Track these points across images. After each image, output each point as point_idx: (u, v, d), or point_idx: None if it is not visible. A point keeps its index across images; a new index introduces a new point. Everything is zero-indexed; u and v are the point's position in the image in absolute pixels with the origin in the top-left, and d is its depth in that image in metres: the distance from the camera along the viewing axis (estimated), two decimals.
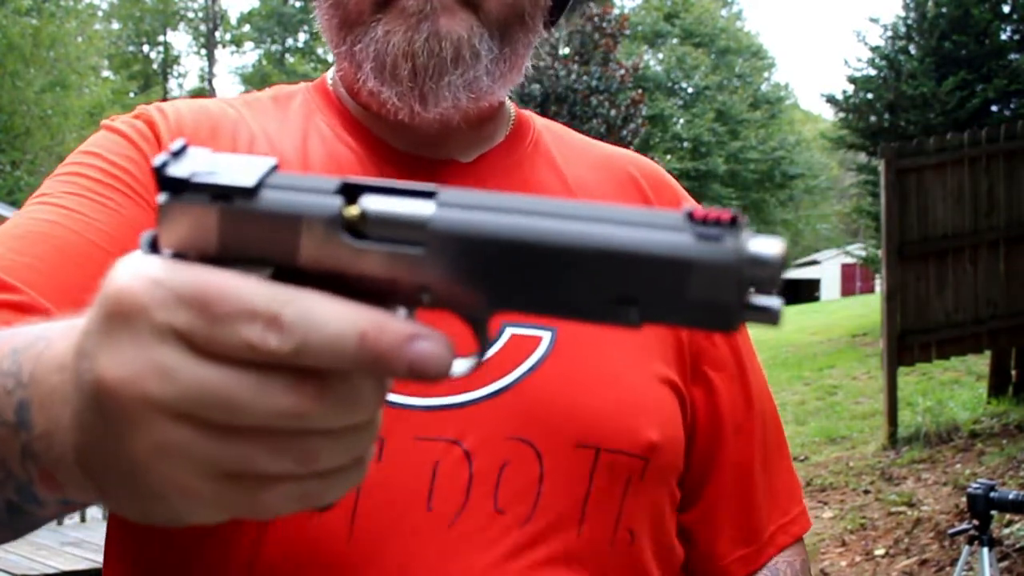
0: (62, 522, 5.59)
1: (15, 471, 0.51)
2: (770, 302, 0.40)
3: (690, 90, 36.06)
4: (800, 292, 35.73)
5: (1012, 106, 13.43)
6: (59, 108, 21.05)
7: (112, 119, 0.92)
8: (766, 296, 0.40)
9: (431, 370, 0.40)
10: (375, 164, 0.90)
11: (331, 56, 0.93)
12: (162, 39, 44.42)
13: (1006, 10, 13.61)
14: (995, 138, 7.33)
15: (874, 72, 14.79)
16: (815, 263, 39.18)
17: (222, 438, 0.39)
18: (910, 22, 14.38)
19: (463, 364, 0.45)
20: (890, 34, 14.80)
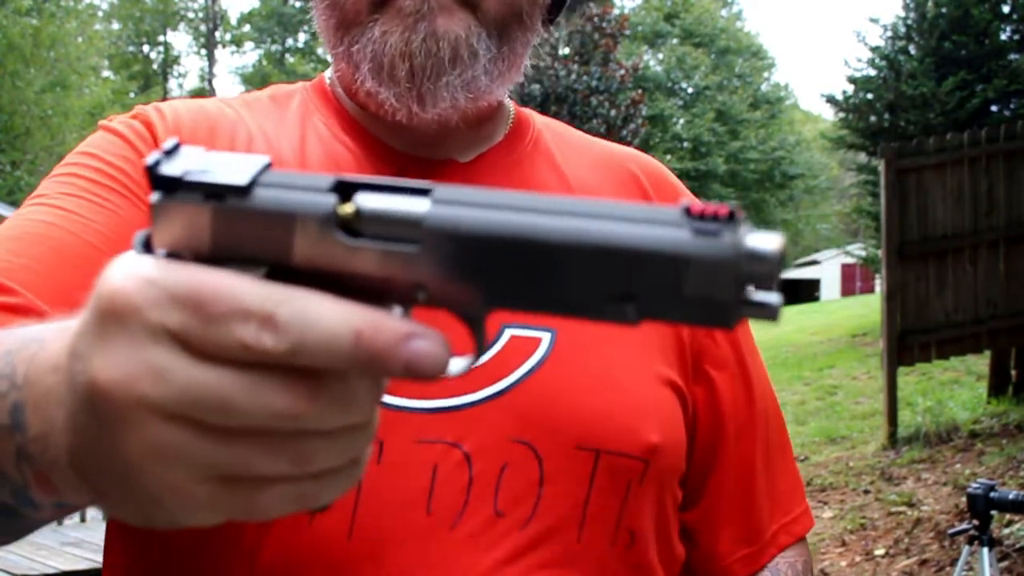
0: (62, 522, 5.58)
1: (10, 474, 0.50)
2: (769, 298, 0.39)
3: (690, 90, 36.05)
4: (800, 292, 35.72)
5: (1012, 106, 13.43)
6: (59, 108, 21.05)
7: (109, 119, 0.92)
8: (765, 292, 0.40)
9: (427, 369, 0.39)
10: (373, 164, 0.90)
11: (331, 56, 0.92)
12: (162, 39, 44.44)
13: (1006, 10, 13.61)
14: (995, 138, 7.33)
15: (874, 72, 14.79)
16: (815, 263, 39.16)
17: (217, 439, 0.39)
18: (910, 22, 14.38)
19: (460, 363, 0.44)
20: (890, 34, 14.80)
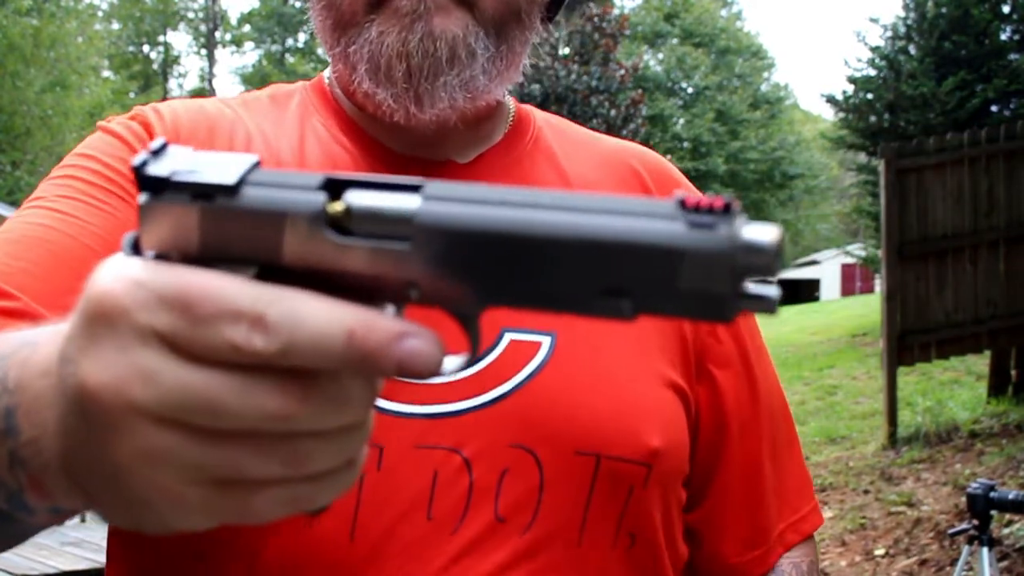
0: (62, 522, 5.57)
1: (4, 479, 0.50)
2: (766, 291, 0.39)
3: (690, 90, 36.02)
4: (800, 292, 35.71)
5: (1012, 106, 13.43)
6: (59, 108, 21.04)
7: (108, 120, 0.91)
8: (762, 285, 0.39)
9: (420, 368, 0.38)
10: (371, 166, 0.89)
11: (329, 57, 0.91)
12: (162, 39, 44.43)
13: (1006, 10, 13.61)
14: (995, 138, 7.33)
15: (874, 72, 14.79)
16: (815, 263, 39.16)
17: (208, 442, 0.38)
18: (910, 22, 14.38)
19: (454, 362, 0.44)
20: (890, 34, 14.80)
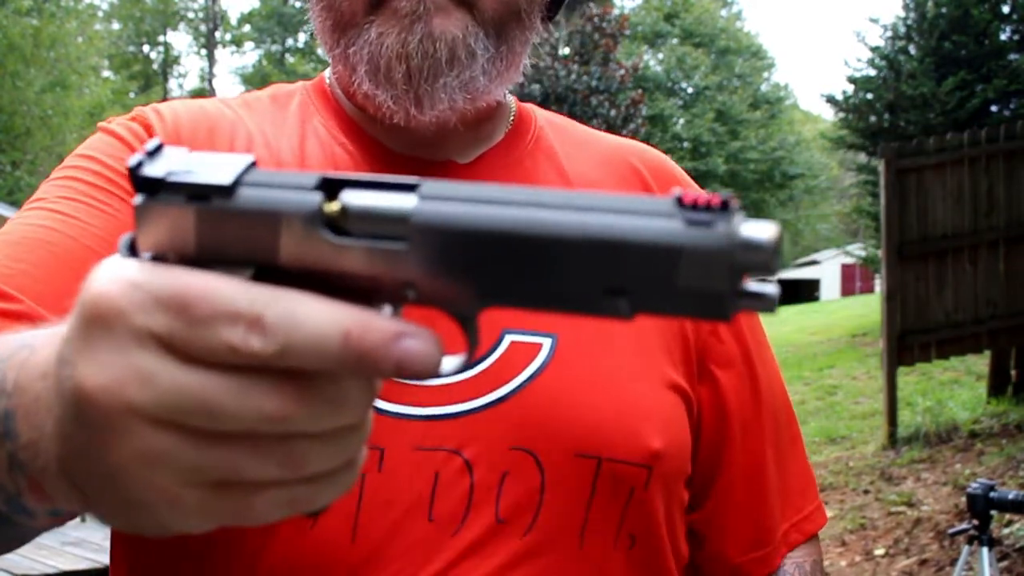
0: (62, 524, 5.57)
1: (3, 482, 0.50)
2: (765, 288, 0.38)
3: (690, 90, 36.01)
4: (800, 292, 35.72)
5: (1012, 106, 13.43)
6: (59, 108, 21.05)
7: (108, 121, 0.91)
8: (761, 283, 0.39)
9: (418, 368, 0.38)
10: (371, 166, 0.89)
11: (327, 55, 0.91)
12: (162, 39, 44.43)
13: (1006, 10, 13.62)
14: (995, 138, 7.34)
15: (874, 72, 14.79)
16: (815, 263, 39.17)
17: (205, 444, 0.38)
18: (910, 22, 14.38)
19: (451, 362, 0.43)
20: (890, 34, 14.81)
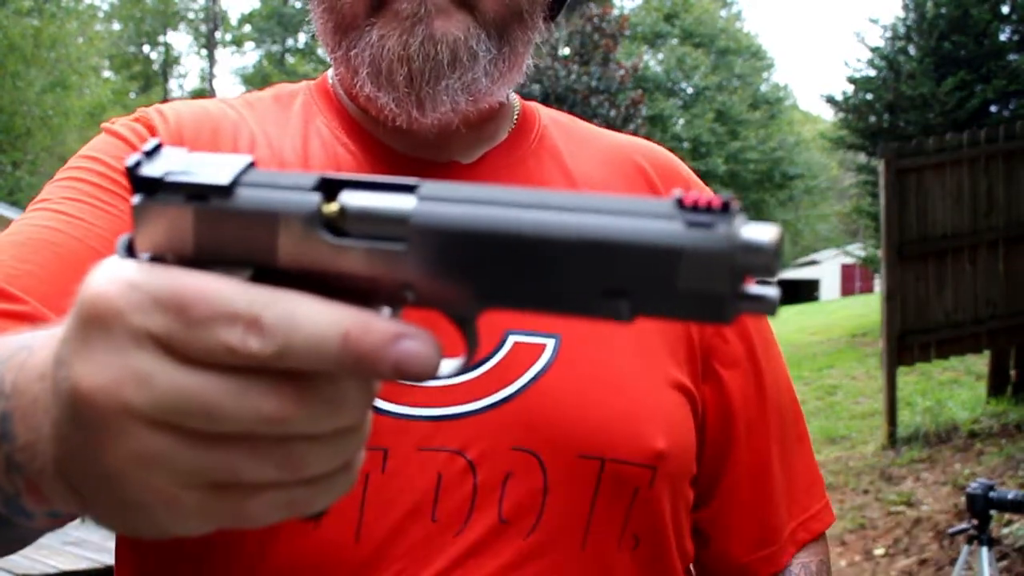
0: (62, 525, 5.56)
1: (1, 484, 0.49)
2: (765, 291, 0.38)
3: (690, 90, 36.00)
4: (800, 292, 35.71)
5: (1011, 106, 13.43)
6: (60, 108, 21.06)
7: (112, 122, 0.92)
8: (761, 285, 0.38)
9: (417, 370, 0.38)
10: (374, 167, 0.88)
11: (329, 57, 0.90)
12: (163, 39, 44.42)
13: (1005, 11, 13.61)
14: (994, 138, 7.35)
15: (873, 73, 14.79)
16: (815, 263, 39.16)
17: (203, 446, 0.38)
18: (909, 23, 14.38)
19: (450, 364, 0.43)
20: (889, 35, 14.81)
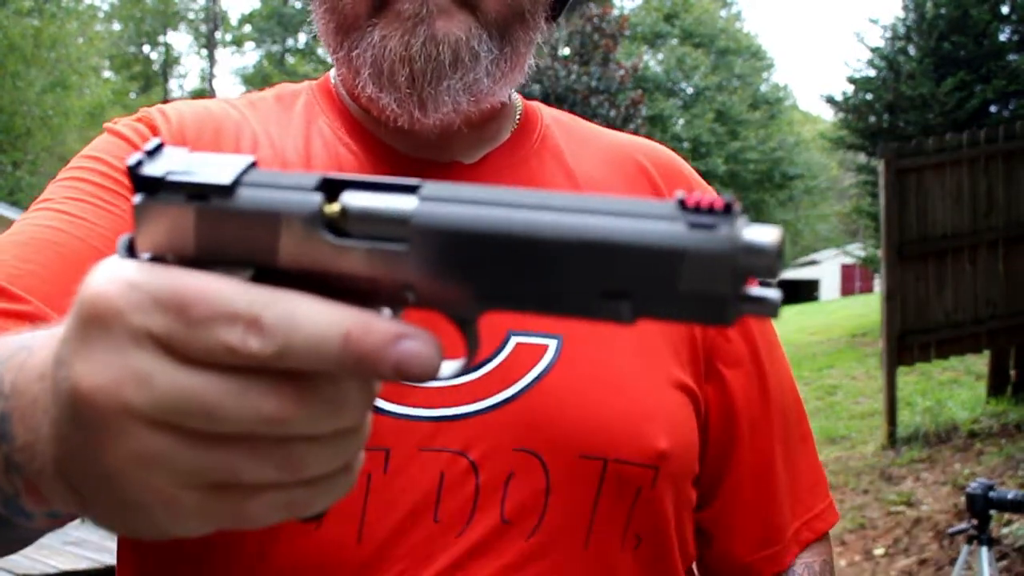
0: (62, 525, 5.56)
1: (1, 484, 0.49)
2: (767, 293, 0.38)
3: (690, 90, 36.01)
4: (799, 292, 35.71)
5: (1011, 107, 13.44)
6: (60, 108, 21.07)
7: (114, 122, 0.92)
8: (763, 287, 0.39)
9: (418, 371, 0.38)
10: (376, 167, 0.88)
11: (331, 57, 0.90)
12: (163, 40, 44.42)
13: (1005, 11, 13.62)
14: (994, 139, 7.35)
15: (873, 73, 14.79)
16: (814, 263, 39.16)
17: (203, 446, 0.38)
18: (909, 23, 14.39)
19: (451, 366, 0.43)
20: (889, 35, 14.81)
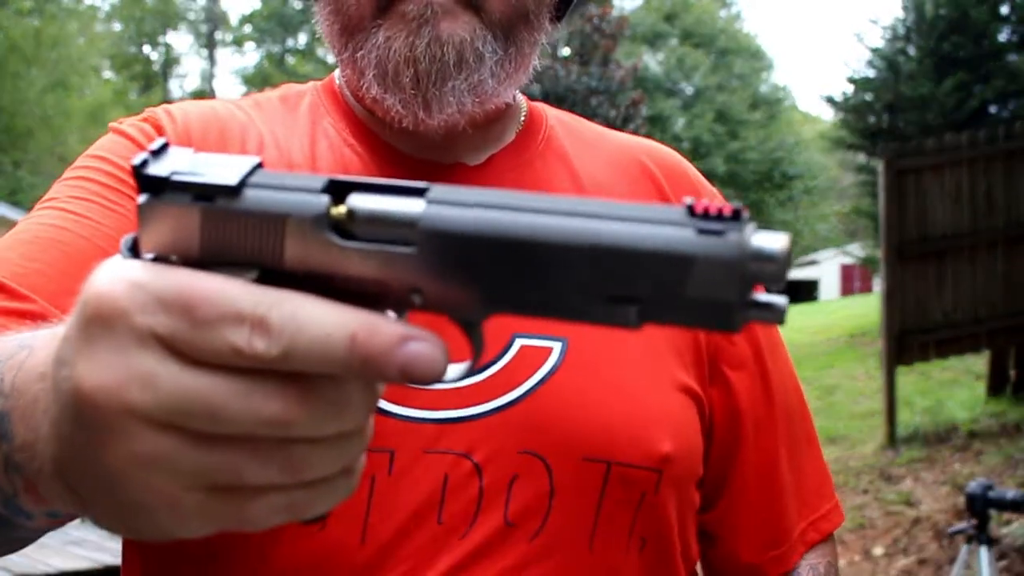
0: (62, 525, 5.56)
1: (0, 484, 0.49)
2: (774, 299, 0.38)
3: (690, 91, 36.02)
4: (799, 292, 35.68)
5: (1010, 107, 13.46)
6: (60, 108, 21.09)
7: (120, 121, 0.92)
8: (770, 293, 0.39)
9: (423, 373, 0.38)
10: (381, 168, 0.88)
11: (331, 58, 0.90)
12: (163, 40, 44.42)
13: (1004, 11, 13.64)
14: (993, 139, 7.37)
15: (873, 73, 14.81)
16: (814, 263, 39.16)
17: (206, 447, 0.38)
18: (909, 23, 14.40)
19: (457, 369, 0.43)
20: (889, 35, 14.82)
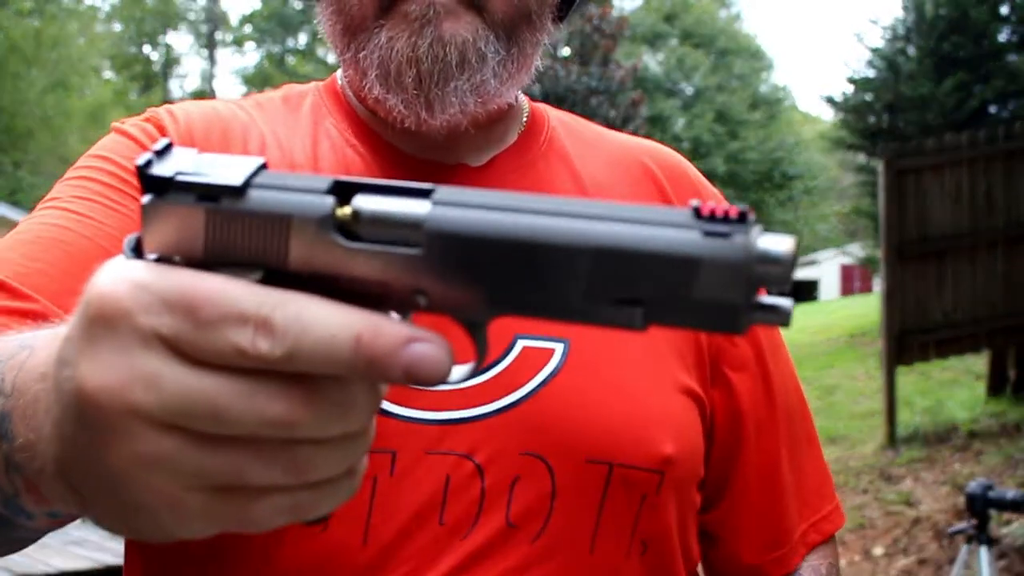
0: (63, 525, 5.56)
1: (1, 483, 0.49)
2: (779, 301, 0.39)
3: (690, 91, 36.03)
4: (799, 292, 35.68)
5: (1010, 107, 13.46)
6: (61, 109, 21.10)
7: (122, 121, 0.91)
8: (775, 296, 0.39)
9: (428, 374, 0.38)
10: (383, 169, 0.88)
11: (331, 57, 0.90)
12: (163, 40, 44.41)
13: (1004, 11, 13.64)
14: (993, 139, 7.37)
15: (873, 73, 14.82)
16: (814, 263, 39.17)
17: (209, 448, 0.38)
18: (909, 23, 14.41)
19: (461, 370, 0.43)
20: (889, 35, 14.83)
